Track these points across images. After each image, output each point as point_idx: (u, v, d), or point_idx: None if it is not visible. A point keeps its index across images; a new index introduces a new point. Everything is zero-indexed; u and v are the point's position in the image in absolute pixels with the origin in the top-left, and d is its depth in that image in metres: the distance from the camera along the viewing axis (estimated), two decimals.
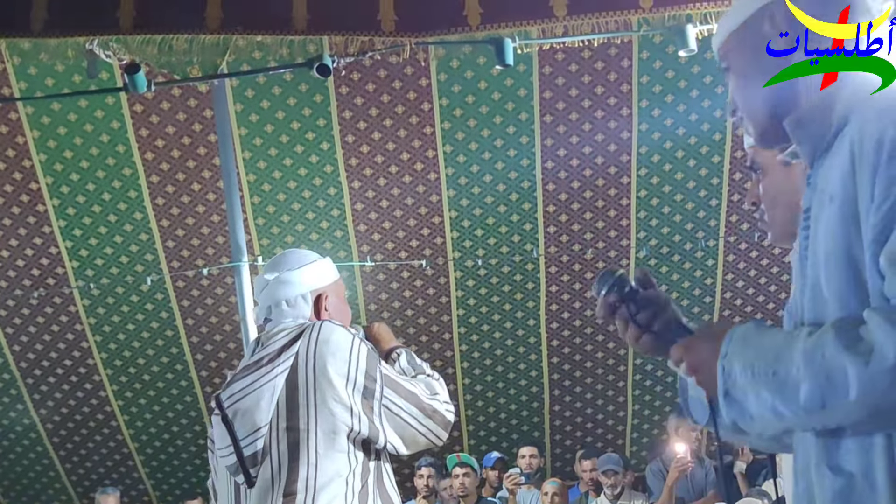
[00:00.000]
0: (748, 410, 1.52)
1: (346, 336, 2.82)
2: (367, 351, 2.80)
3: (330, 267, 3.18)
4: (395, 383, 2.80)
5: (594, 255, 8.27)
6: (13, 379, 8.85)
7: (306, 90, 7.28)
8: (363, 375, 2.75)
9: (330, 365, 2.73)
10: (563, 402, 9.27)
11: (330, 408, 2.70)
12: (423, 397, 2.83)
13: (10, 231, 7.93)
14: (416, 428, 2.80)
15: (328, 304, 3.06)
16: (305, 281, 3.07)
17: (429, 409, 2.83)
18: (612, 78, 7.39)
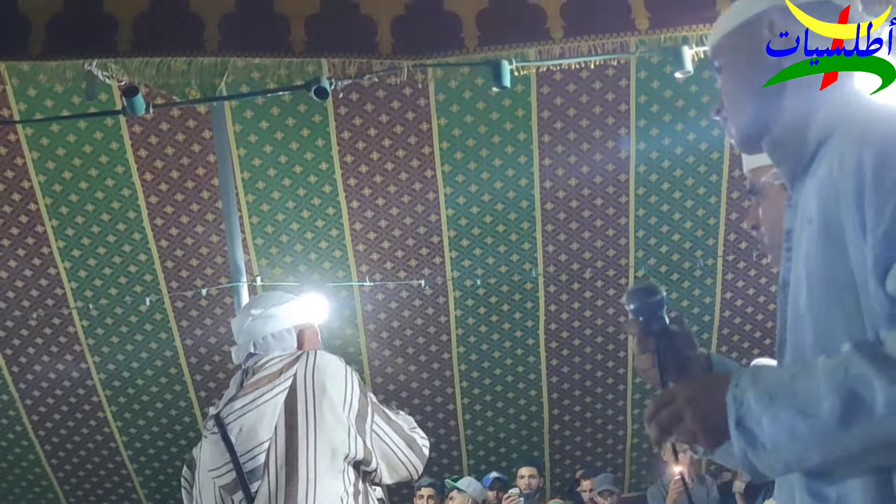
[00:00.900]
0: (760, 439, 1.47)
1: (339, 362, 2.93)
2: (358, 378, 2.93)
3: (310, 307, 3.36)
4: (383, 411, 2.91)
5: (593, 273, 8.28)
6: (12, 400, 8.83)
7: (305, 110, 7.30)
8: (357, 399, 2.84)
9: (329, 387, 2.80)
10: (562, 421, 9.25)
11: (331, 428, 2.76)
12: (406, 428, 2.93)
13: (9, 252, 7.93)
14: (399, 457, 2.89)
15: (309, 338, 3.20)
16: (290, 316, 3.20)
17: (409, 440, 2.92)
18: (610, 98, 7.41)
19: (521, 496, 7.86)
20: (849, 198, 1.45)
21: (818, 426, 1.40)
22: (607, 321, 8.59)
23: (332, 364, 2.91)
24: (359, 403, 2.84)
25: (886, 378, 1.34)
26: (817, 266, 1.52)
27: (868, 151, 1.44)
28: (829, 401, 1.39)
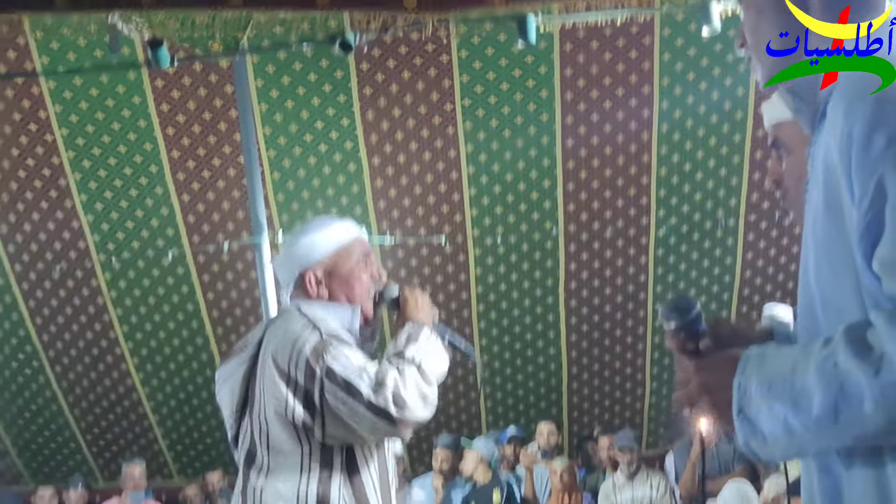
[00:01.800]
0: (760, 429, 1.45)
1: (293, 329, 2.67)
2: (316, 342, 2.61)
3: (327, 237, 2.93)
4: (338, 377, 2.56)
5: (614, 233, 8.26)
6: (35, 352, 8.93)
7: (327, 66, 7.29)
8: (302, 372, 2.58)
9: (273, 360, 2.62)
10: (581, 379, 9.28)
11: (272, 402, 2.60)
12: (367, 391, 2.55)
13: (32, 205, 7.98)
14: (360, 423, 2.56)
15: (319, 279, 2.86)
16: (292, 262, 2.91)
17: (368, 405, 2.54)
18: (633, 55, 7.36)
19: (539, 452, 7.91)
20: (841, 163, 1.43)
21: (809, 422, 1.39)
22: (627, 280, 8.58)
23: (282, 330, 2.68)
24: (303, 376, 2.57)
25: (872, 370, 1.32)
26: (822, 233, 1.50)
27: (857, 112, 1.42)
28: (819, 395, 1.37)
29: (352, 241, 2.94)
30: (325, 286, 2.86)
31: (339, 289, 2.87)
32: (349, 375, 2.56)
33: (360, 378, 2.56)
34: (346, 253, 2.90)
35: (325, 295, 2.85)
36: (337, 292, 2.86)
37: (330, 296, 2.85)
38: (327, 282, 2.86)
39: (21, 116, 7.49)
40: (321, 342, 2.60)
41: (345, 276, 2.87)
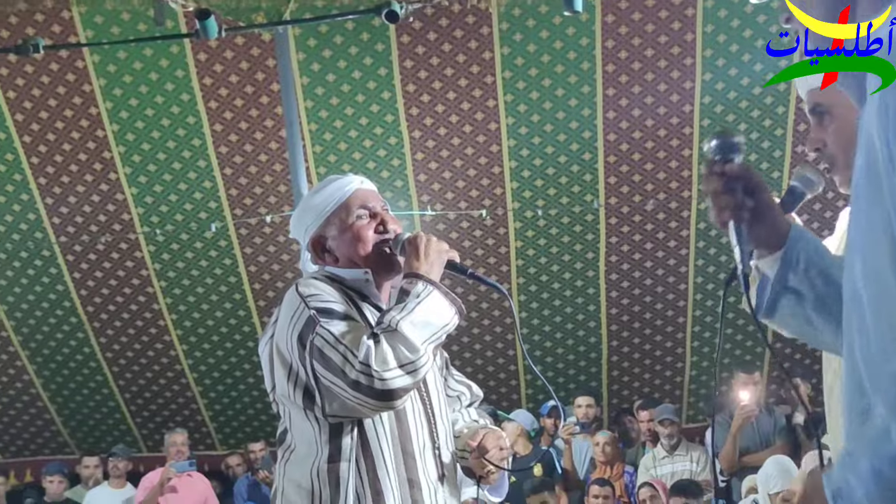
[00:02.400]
0: None
1: (291, 305, 2.53)
2: (306, 320, 2.47)
3: (321, 197, 2.74)
4: (322, 354, 2.43)
5: (655, 206, 8.23)
6: (80, 322, 9.05)
7: (368, 39, 7.29)
8: (294, 352, 2.49)
9: (277, 336, 2.55)
10: (621, 352, 9.28)
11: (280, 381, 2.54)
12: (344, 365, 2.40)
13: (77, 177, 8.07)
14: (348, 398, 2.42)
15: (326, 244, 2.70)
16: (300, 231, 2.76)
17: (347, 379, 2.39)
18: (675, 27, 7.31)
19: (578, 425, 7.93)
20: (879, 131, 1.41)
21: None
22: (668, 254, 8.55)
23: (283, 307, 2.55)
24: (296, 356, 2.48)
25: None
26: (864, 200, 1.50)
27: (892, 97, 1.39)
28: None
29: (349, 195, 2.71)
30: (330, 251, 2.70)
31: (343, 250, 2.68)
32: (328, 351, 2.42)
33: (337, 352, 2.41)
34: (344, 210, 2.69)
35: (331, 261, 2.70)
36: (342, 254, 2.68)
37: (339, 260, 2.69)
38: (331, 245, 2.69)
39: (66, 90, 7.56)
40: (309, 320, 2.46)
41: (345, 236, 2.67)
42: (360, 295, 2.64)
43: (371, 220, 2.69)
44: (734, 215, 1.82)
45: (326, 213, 2.69)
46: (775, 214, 1.80)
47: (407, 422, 2.59)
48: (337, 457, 2.50)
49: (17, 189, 8.14)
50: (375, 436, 2.53)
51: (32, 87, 7.54)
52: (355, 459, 2.50)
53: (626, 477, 7.62)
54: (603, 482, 7.14)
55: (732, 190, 1.82)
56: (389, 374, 2.39)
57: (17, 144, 7.84)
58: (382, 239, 2.67)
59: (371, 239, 2.66)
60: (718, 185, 1.81)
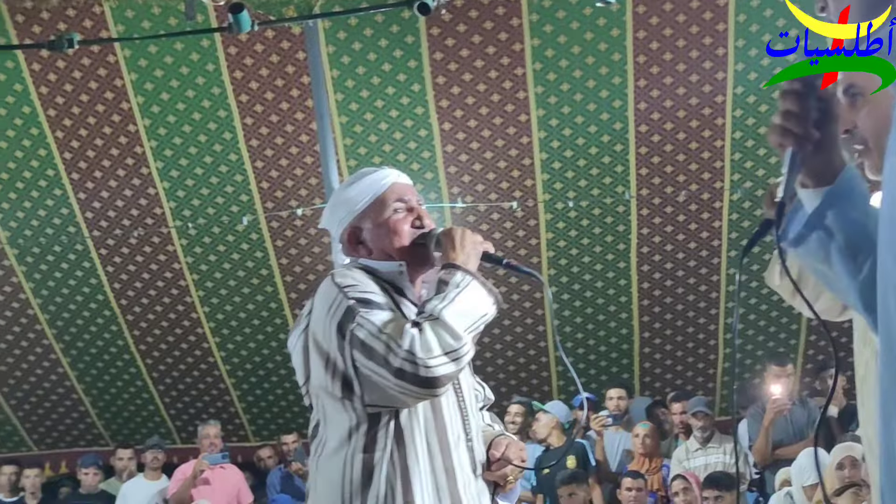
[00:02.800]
0: None
1: (327, 298, 2.54)
2: (345, 310, 2.48)
3: (357, 189, 2.75)
4: (362, 343, 2.44)
5: (687, 197, 8.18)
6: (113, 315, 9.12)
7: (398, 31, 7.29)
8: (333, 343, 2.49)
9: (314, 327, 2.54)
10: (653, 344, 9.24)
11: (318, 373, 2.54)
12: (386, 354, 2.42)
13: (110, 172, 8.12)
14: (389, 387, 2.43)
15: (361, 235, 2.71)
16: (333, 222, 2.77)
17: (390, 367, 2.40)
18: (707, 17, 7.25)
19: (610, 417, 7.91)
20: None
21: None
22: (701, 245, 8.50)
23: (319, 298, 2.55)
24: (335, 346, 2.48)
25: None
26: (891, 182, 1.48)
27: None
28: None
29: (386, 189, 2.73)
30: (364, 243, 2.72)
31: (378, 242, 2.70)
32: (372, 341, 2.43)
33: (380, 341, 2.42)
34: (380, 203, 2.71)
35: (363, 252, 2.71)
36: (377, 246, 2.70)
37: (372, 252, 2.71)
38: (366, 236, 2.71)
39: (97, 85, 7.61)
40: (348, 310, 2.48)
41: (381, 229, 2.69)
42: (394, 288, 2.64)
43: (408, 213, 2.71)
44: (796, 142, 1.75)
45: (362, 206, 2.70)
46: (835, 150, 1.74)
47: (442, 413, 2.60)
48: (371, 447, 2.50)
49: (49, 184, 8.20)
50: (410, 427, 2.53)
51: (64, 82, 7.59)
52: (389, 450, 2.50)
53: (664, 470, 7.59)
54: (636, 475, 7.12)
55: (805, 117, 1.73)
56: (434, 362, 2.40)
57: (50, 140, 7.90)
58: (419, 233, 2.69)
59: (407, 232, 2.68)
60: (794, 107, 1.72)
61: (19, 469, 8.85)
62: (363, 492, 2.49)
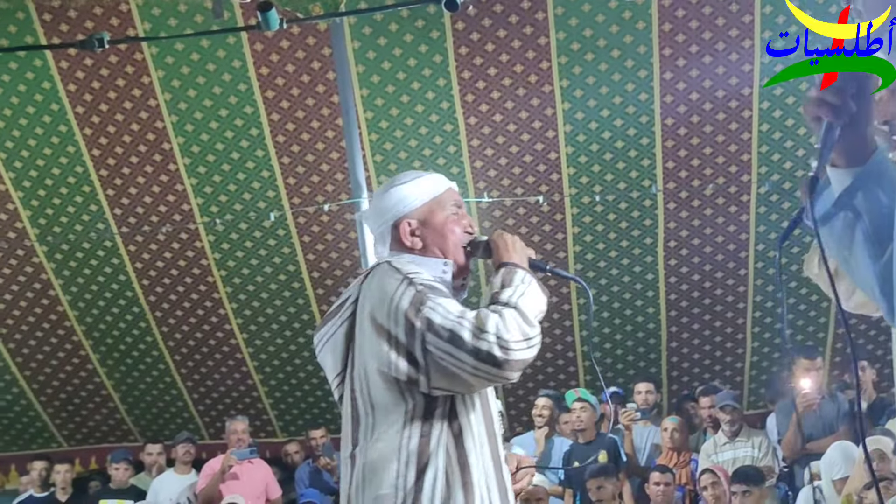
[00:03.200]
0: None
1: (390, 282, 2.59)
2: (412, 295, 2.54)
3: (418, 186, 2.88)
4: (437, 326, 2.50)
5: (714, 190, 8.15)
6: (142, 312, 9.18)
7: (423, 26, 7.29)
8: (401, 326, 2.53)
9: (371, 316, 2.57)
10: (680, 338, 9.21)
11: (371, 359, 2.57)
12: (468, 337, 2.47)
13: (137, 169, 8.17)
14: (465, 370, 2.48)
15: (414, 229, 2.81)
16: (384, 211, 2.85)
17: (472, 349, 2.46)
18: (733, 9, 7.22)
19: (638, 411, 7.89)
20: None
21: None
22: (728, 239, 8.47)
23: (379, 283, 2.61)
24: (403, 329, 2.52)
25: None
26: None
27: None
28: None
29: (444, 191, 2.89)
30: (418, 236, 2.81)
31: (432, 239, 2.82)
32: (450, 324, 2.49)
33: (461, 325, 2.49)
34: (438, 204, 2.86)
35: (418, 245, 2.80)
36: (430, 243, 2.81)
37: (423, 247, 2.81)
38: (421, 232, 2.82)
39: (125, 82, 7.65)
40: (417, 294, 2.54)
41: (438, 227, 2.82)
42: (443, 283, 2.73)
43: (461, 218, 2.88)
44: (833, 113, 1.75)
45: (420, 203, 2.84)
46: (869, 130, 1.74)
47: (489, 403, 2.70)
48: (427, 433, 2.55)
49: (78, 181, 8.26)
50: (465, 412, 2.60)
51: (92, 79, 7.64)
52: (445, 437, 2.56)
53: (692, 464, 7.58)
54: (664, 469, 7.10)
55: (843, 89, 1.74)
56: (515, 346, 2.49)
57: (78, 137, 7.96)
58: (469, 239, 2.85)
59: (460, 235, 2.84)
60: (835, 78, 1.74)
61: (50, 465, 8.96)
62: (419, 478, 2.51)
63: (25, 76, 7.63)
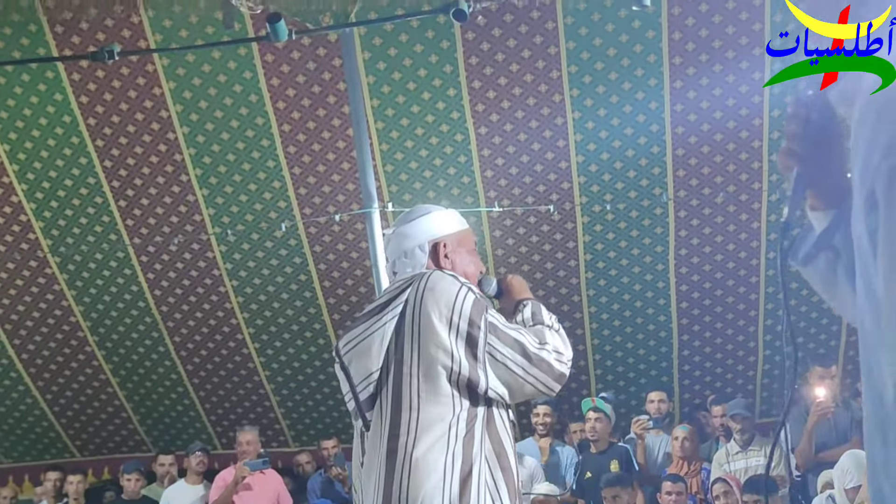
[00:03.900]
0: None
1: (452, 284, 2.86)
2: (474, 299, 2.83)
3: (451, 217, 3.21)
4: (501, 332, 2.80)
5: (725, 198, 8.14)
6: (154, 322, 9.20)
7: (433, 37, 7.31)
8: (466, 323, 2.76)
9: (433, 312, 2.77)
10: (692, 346, 9.20)
11: (431, 353, 2.75)
12: (530, 346, 2.81)
13: (150, 179, 8.20)
14: (522, 377, 2.79)
15: (448, 252, 3.09)
16: (421, 232, 3.12)
17: (535, 358, 2.80)
18: (743, 17, 7.22)
19: (650, 420, 7.88)
20: None
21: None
22: (739, 246, 8.45)
23: (440, 287, 2.84)
24: (468, 326, 2.76)
25: None
26: None
27: None
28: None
29: (467, 229, 3.22)
30: (449, 259, 3.09)
31: (460, 264, 3.10)
32: (513, 332, 2.81)
33: (523, 335, 2.82)
34: (466, 236, 3.19)
35: (448, 266, 3.06)
36: (458, 267, 3.08)
37: (453, 269, 3.06)
38: (452, 256, 3.10)
39: (137, 94, 7.68)
40: (479, 301, 2.83)
41: (467, 255, 3.14)
42: None
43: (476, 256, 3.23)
44: (801, 161, 1.83)
45: (455, 230, 3.17)
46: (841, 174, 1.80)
47: (510, 413, 2.95)
48: (471, 437, 2.75)
49: (90, 192, 8.29)
50: (499, 418, 2.85)
51: (104, 91, 7.67)
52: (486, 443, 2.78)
53: (703, 473, 7.55)
54: (676, 478, 7.09)
55: (809, 138, 1.82)
56: (567, 362, 2.90)
57: (90, 148, 7.99)
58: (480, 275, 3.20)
59: (476, 269, 3.18)
60: (799, 129, 1.82)
61: (63, 475, 8.98)
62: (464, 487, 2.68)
63: (38, 88, 7.67)
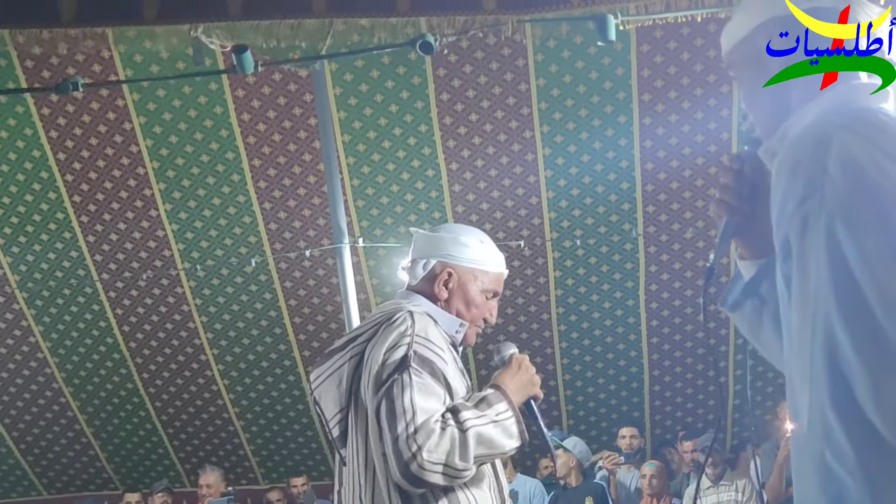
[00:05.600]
0: None
1: (399, 330, 2.61)
2: (403, 355, 2.56)
3: (480, 250, 2.91)
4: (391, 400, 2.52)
5: (694, 234, 8.19)
6: (123, 359, 9.12)
7: (404, 73, 7.33)
8: (375, 371, 2.58)
9: (375, 350, 2.62)
10: (663, 381, 9.21)
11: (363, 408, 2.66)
12: (401, 430, 2.48)
13: (119, 214, 8.16)
14: (380, 450, 2.56)
15: (451, 282, 2.85)
16: (434, 247, 2.89)
17: (393, 443, 2.48)
18: (711, 54, 7.28)
19: (622, 456, 7.87)
20: None
21: None
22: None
23: (388, 334, 2.61)
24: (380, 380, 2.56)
25: None
26: None
27: None
28: None
29: (495, 272, 2.93)
30: (447, 289, 2.86)
31: (456, 300, 2.86)
32: (398, 404, 2.50)
33: (404, 416, 2.49)
34: (482, 276, 2.90)
35: (443, 296, 2.85)
36: (453, 302, 2.86)
37: (447, 301, 2.86)
38: (451, 288, 2.86)
39: (107, 128, 7.66)
40: (403, 359, 2.56)
41: (469, 294, 2.87)
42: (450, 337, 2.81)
43: (490, 302, 2.92)
44: (729, 211, 1.90)
45: (471, 264, 2.88)
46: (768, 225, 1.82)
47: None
48: None
49: (59, 227, 8.24)
50: None
51: (74, 126, 7.64)
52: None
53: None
54: None
55: (738, 191, 1.90)
56: (430, 466, 2.47)
57: (60, 183, 7.95)
58: (480, 329, 2.93)
59: (480, 316, 2.89)
60: (730, 181, 1.90)
61: None
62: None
63: (7, 122, 7.64)
